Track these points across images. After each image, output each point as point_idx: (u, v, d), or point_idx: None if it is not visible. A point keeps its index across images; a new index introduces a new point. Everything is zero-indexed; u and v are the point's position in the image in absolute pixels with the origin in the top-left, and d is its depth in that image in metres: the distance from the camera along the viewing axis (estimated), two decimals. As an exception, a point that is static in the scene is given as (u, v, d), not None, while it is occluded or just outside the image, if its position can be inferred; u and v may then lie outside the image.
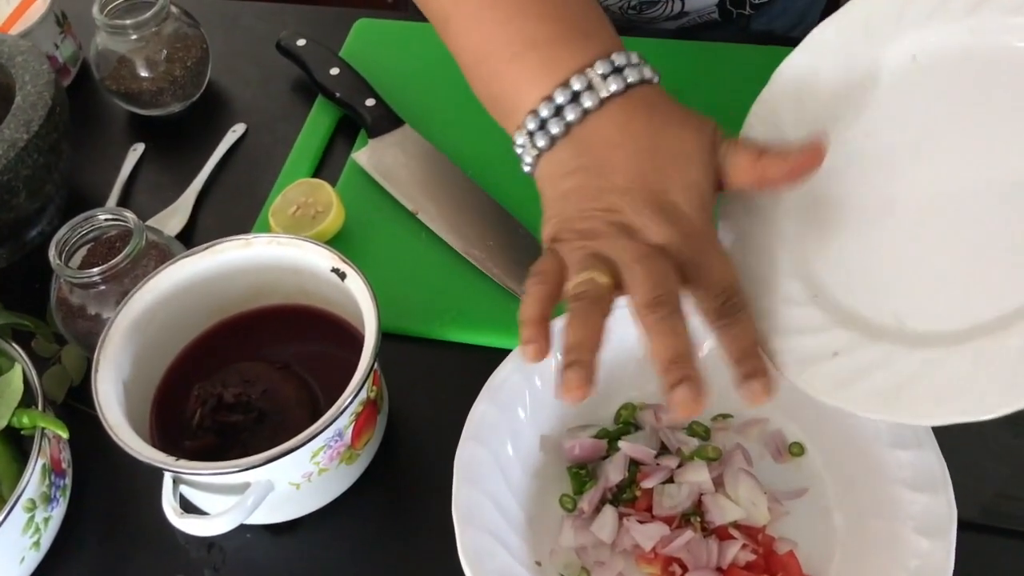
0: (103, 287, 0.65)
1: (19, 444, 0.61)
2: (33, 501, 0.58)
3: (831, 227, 0.55)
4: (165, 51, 0.84)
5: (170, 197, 0.81)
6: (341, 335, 0.65)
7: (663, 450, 0.62)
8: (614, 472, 0.60)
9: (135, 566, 0.62)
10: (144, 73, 0.84)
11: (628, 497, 0.60)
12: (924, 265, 0.51)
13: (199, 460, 0.55)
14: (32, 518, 0.58)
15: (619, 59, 0.54)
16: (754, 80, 0.60)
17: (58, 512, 0.61)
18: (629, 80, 0.54)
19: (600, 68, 0.54)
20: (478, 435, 0.59)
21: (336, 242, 0.74)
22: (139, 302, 0.62)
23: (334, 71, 0.84)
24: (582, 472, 0.61)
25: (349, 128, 0.84)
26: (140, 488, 0.64)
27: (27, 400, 0.61)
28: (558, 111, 0.54)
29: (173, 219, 0.79)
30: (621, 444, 0.61)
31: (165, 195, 0.81)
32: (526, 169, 0.57)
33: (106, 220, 0.66)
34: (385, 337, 0.64)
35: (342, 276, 0.61)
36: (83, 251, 0.68)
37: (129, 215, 0.66)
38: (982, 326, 0.47)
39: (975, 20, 0.53)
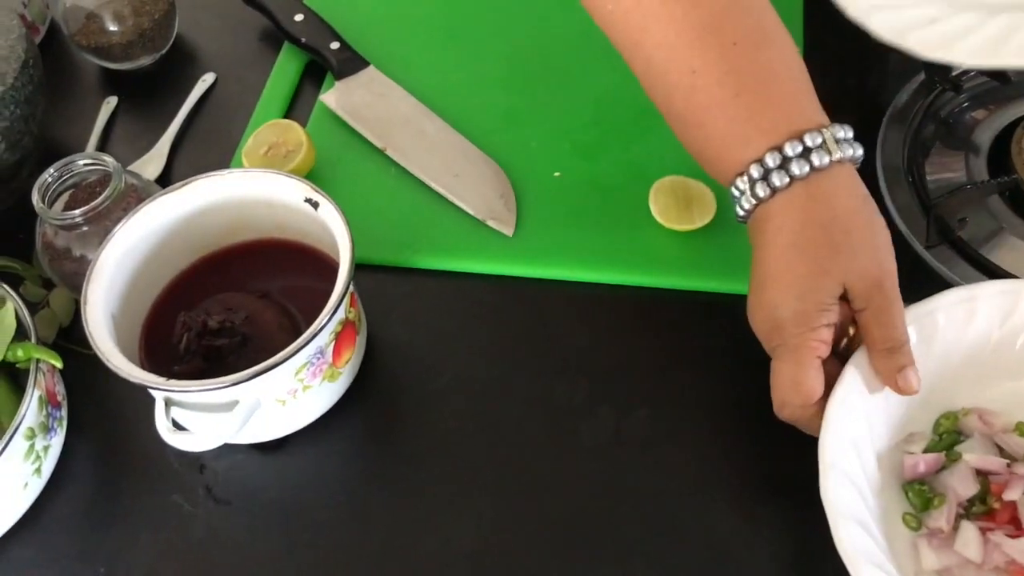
0: (86, 228, 0.67)
1: (15, 379, 0.64)
2: (32, 430, 0.61)
3: None
4: (131, 5, 0.86)
5: (145, 147, 0.84)
6: (318, 267, 0.67)
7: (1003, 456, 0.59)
8: (963, 486, 0.57)
9: (132, 490, 0.65)
10: (113, 27, 0.86)
11: (980, 510, 0.57)
12: None
13: (189, 381, 0.58)
14: (32, 446, 0.61)
15: (845, 131, 0.56)
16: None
17: (56, 441, 0.64)
18: (855, 154, 0.57)
19: (840, 132, 0.56)
20: (838, 463, 0.55)
21: (308, 180, 0.76)
22: (123, 238, 0.64)
23: (299, 17, 0.86)
24: (925, 488, 0.58)
25: (316, 72, 0.86)
26: (133, 420, 0.67)
27: (20, 337, 0.64)
28: (784, 163, 0.55)
29: (149, 166, 0.82)
30: (965, 456, 0.58)
31: (140, 145, 0.84)
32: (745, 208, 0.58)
33: (85, 165, 0.69)
34: (360, 268, 0.67)
35: (315, 205, 0.64)
36: (65, 197, 0.70)
37: (108, 159, 0.69)
38: None
39: None
